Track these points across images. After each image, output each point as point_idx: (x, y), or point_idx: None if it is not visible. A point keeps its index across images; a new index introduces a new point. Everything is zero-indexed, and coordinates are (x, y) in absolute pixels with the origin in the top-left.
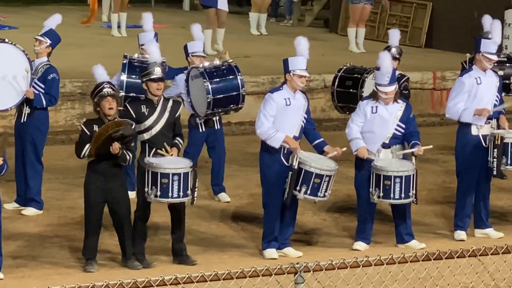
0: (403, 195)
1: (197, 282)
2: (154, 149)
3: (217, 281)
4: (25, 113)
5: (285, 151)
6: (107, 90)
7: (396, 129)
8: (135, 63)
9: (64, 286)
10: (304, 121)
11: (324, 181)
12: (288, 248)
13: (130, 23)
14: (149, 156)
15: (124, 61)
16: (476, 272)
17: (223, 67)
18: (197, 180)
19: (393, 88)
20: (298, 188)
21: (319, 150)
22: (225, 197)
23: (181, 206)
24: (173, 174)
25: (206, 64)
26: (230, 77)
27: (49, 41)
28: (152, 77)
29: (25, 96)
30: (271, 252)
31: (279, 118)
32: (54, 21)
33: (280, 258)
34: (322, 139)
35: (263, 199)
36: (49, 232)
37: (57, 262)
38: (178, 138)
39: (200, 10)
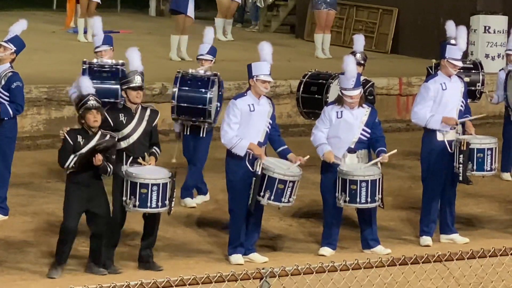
0: (369, 199)
1: (162, 287)
2: (131, 158)
3: (182, 286)
4: None
5: (250, 157)
6: (92, 102)
7: (361, 134)
8: (95, 68)
9: None
10: (269, 127)
11: (288, 187)
12: (254, 253)
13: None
14: (126, 164)
15: (84, 67)
16: (442, 277)
17: (202, 78)
18: (174, 190)
19: (358, 92)
20: (262, 194)
21: (283, 157)
22: (191, 202)
23: (157, 215)
24: (152, 185)
25: (193, 70)
26: (201, 90)
27: (14, 48)
28: (131, 85)
29: None
30: (237, 258)
31: (244, 124)
32: (19, 27)
33: (246, 263)
34: (285, 147)
35: (229, 205)
36: (14, 237)
37: (22, 268)
38: (155, 147)
39: (166, 16)
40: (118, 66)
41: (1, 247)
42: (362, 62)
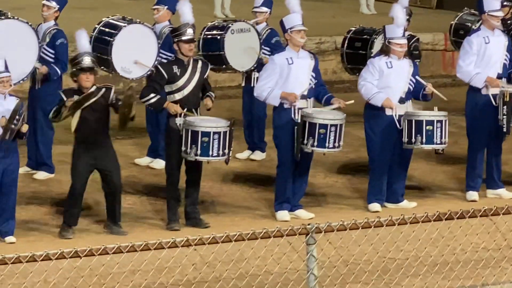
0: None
1: (208, 244)
2: (185, 109)
3: (228, 243)
4: (38, 80)
5: (295, 110)
6: (86, 63)
7: (409, 84)
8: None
9: (75, 248)
10: (313, 80)
11: (331, 131)
12: (300, 210)
13: None
14: (179, 116)
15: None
16: (488, 232)
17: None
18: (232, 139)
19: (406, 40)
20: (305, 141)
21: (327, 103)
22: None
23: (200, 168)
24: (214, 133)
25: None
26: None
27: (56, 6)
28: (183, 38)
29: (35, 67)
30: (283, 214)
31: (284, 77)
32: None
33: (293, 220)
34: (329, 94)
35: (278, 160)
36: (60, 196)
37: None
38: (210, 92)
39: None
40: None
41: (48, 206)
42: (407, 17)
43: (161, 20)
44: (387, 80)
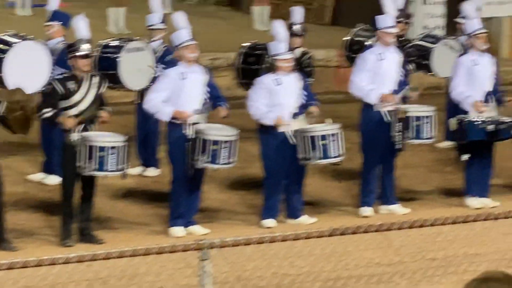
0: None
1: (102, 259)
2: (81, 125)
3: (122, 258)
4: None
5: (188, 125)
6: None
7: (302, 97)
8: None
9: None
10: (208, 95)
11: (223, 148)
12: (195, 226)
13: (35, 1)
14: (76, 131)
15: None
16: (381, 247)
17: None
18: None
19: (292, 55)
20: (197, 157)
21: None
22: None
23: (95, 183)
24: (111, 148)
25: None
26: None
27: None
28: (78, 53)
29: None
30: (177, 230)
31: (176, 92)
32: None
33: (187, 236)
34: (222, 102)
35: (172, 176)
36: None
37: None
38: (105, 107)
39: None
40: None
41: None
42: (301, 34)
43: (55, 36)
44: (277, 97)
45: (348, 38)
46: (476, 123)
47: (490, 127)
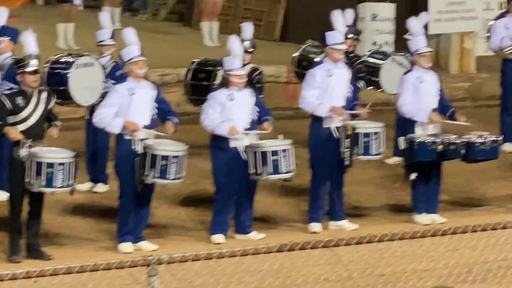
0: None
1: (49, 275)
2: (29, 140)
3: (70, 275)
4: None
5: (136, 141)
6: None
7: (254, 113)
8: None
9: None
10: (156, 110)
11: (172, 163)
12: (143, 241)
13: None
14: (22, 148)
15: None
16: (329, 263)
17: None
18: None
19: (245, 71)
20: (146, 172)
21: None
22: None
23: (43, 199)
24: (59, 164)
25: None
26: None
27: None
28: (27, 69)
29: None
30: (126, 246)
31: (125, 107)
32: None
33: (136, 252)
34: (174, 117)
35: (119, 191)
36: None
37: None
38: (55, 122)
39: (53, 4)
40: None
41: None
42: (250, 50)
43: (3, 51)
44: (229, 113)
45: (297, 54)
46: (426, 143)
47: (440, 148)
